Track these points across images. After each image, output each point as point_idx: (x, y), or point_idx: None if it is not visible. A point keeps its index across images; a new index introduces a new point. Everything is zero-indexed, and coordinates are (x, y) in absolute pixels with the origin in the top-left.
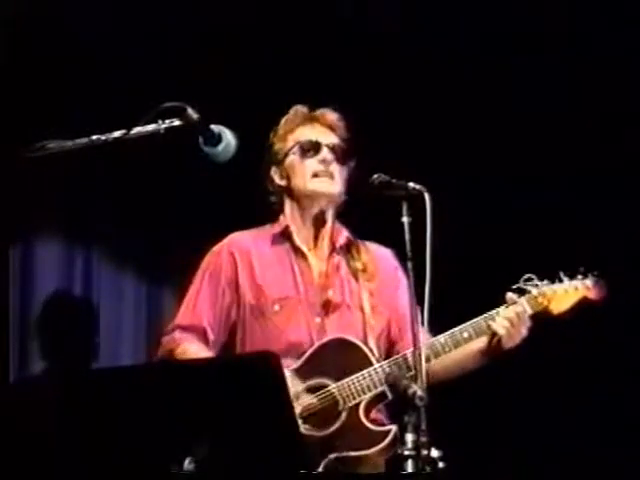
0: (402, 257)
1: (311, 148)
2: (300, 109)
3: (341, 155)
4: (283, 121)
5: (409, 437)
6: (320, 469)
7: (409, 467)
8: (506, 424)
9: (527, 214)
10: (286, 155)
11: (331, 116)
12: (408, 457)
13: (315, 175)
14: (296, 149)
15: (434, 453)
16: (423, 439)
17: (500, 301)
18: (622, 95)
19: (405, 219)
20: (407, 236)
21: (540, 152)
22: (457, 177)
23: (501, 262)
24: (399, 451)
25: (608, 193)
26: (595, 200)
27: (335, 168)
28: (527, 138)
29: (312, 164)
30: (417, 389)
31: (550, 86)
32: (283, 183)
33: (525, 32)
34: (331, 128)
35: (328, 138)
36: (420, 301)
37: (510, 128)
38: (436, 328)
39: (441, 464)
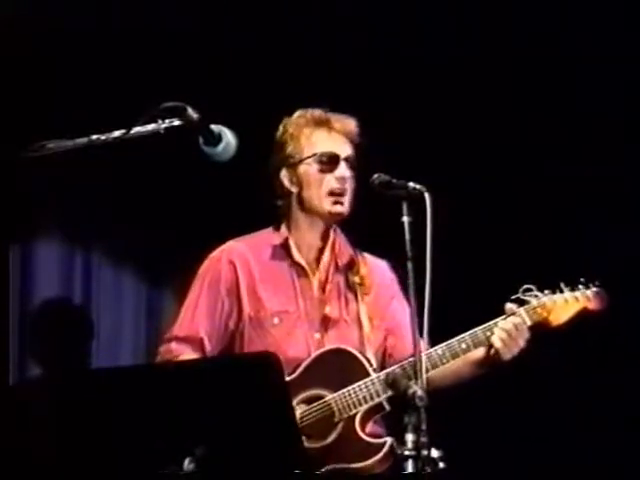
0: (402, 259)
1: (329, 162)
2: (312, 109)
3: (355, 167)
4: (295, 118)
5: (409, 437)
6: None
7: (409, 467)
8: (506, 424)
9: (528, 217)
10: (300, 161)
11: (349, 125)
12: (408, 457)
13: (331, 193)
14: (312, 160)
15: (434, 453)
16: (423, 439)
17: (500, 306)
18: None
19: (405, 219)
20: (407, 236)
21: (543, 153)
22: (457, 177)
23: (501, 262)
24: (399, 451)
25: (612, 202)
26: (598, 209)
27: (350, 184)
28: (529, 138)
29: (329, 180)
30: (417, 389)
31: (552, 87)
32: (294, 189)
33: (525, 32)
34: (348, 137)
35: (345, 149)
36: (420, 306)
37: (512, 128)
38: (435, 332)
39: (441, 464)
